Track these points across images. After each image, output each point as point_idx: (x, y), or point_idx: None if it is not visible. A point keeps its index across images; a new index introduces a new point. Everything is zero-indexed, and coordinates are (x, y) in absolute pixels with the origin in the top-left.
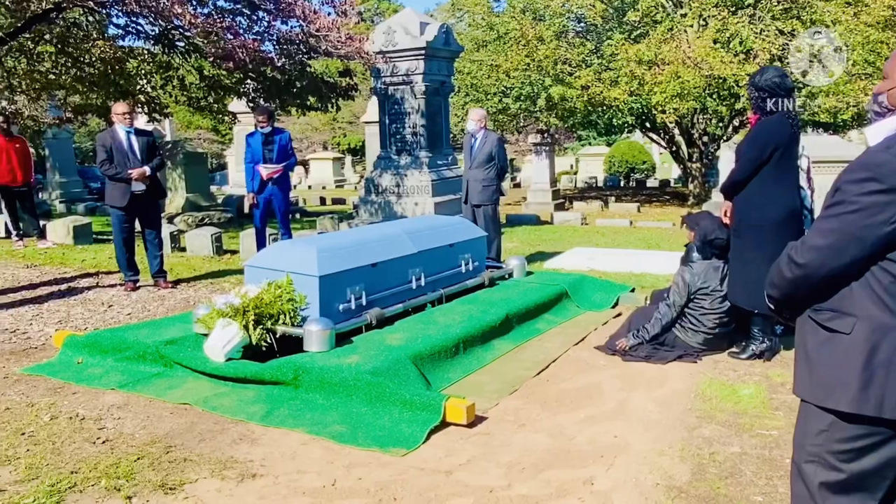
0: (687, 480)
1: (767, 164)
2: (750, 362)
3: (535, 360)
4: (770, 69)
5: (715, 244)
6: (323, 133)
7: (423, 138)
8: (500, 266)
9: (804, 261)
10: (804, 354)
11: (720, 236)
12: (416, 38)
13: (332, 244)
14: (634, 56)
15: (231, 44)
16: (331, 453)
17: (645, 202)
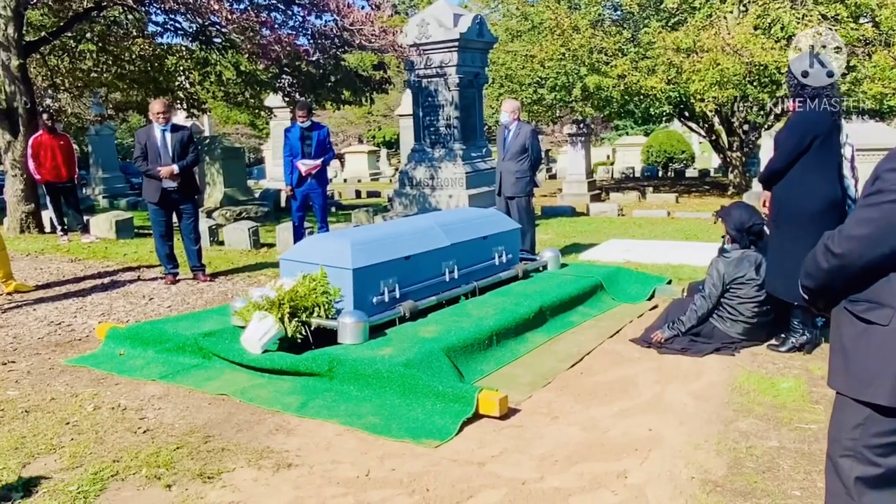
0: (723, 474)
1: (807, 153)
2: (790, 355)
3: (568, 353)
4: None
5: (753, 230)
6: (358, 126)
7: (457, 130)
8: (534, 258)
9: (841, 250)
10: (840, 346)
11: (757, 222)
12: (450, 30)
13: (365, 237)
14: (672, 44)
15: (267, 39)
16: (365, 444)
17: (683, 193)
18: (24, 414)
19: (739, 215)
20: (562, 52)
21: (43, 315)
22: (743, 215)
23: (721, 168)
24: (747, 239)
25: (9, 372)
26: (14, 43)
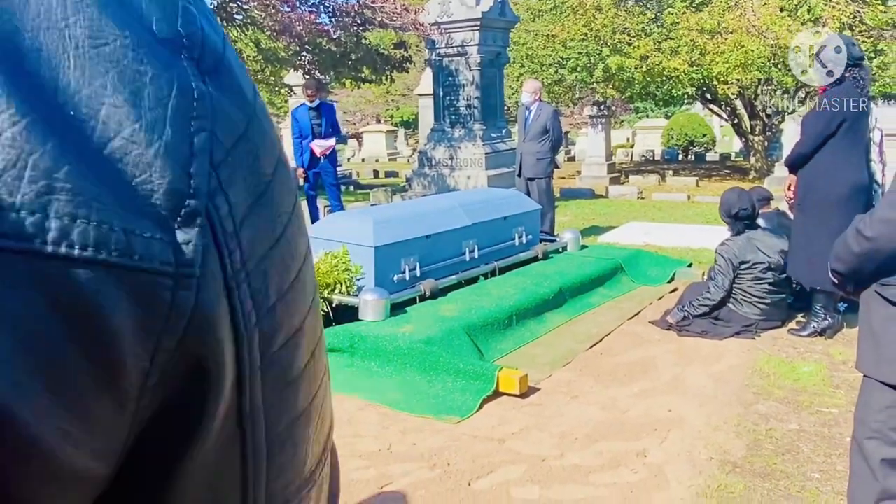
0: (742, 456)
1: (834, 137)
2: (811, 339)
3: (588, 334)
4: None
5: (740, 216)
6: (376, 106)
7: (477, 111)
8: (553, 239)
9: (873, 234)
10: (869, 329)
11: (744, 206)
12: (472, 9)
13: (387, 216)
14: (696, 25)
15: (288, 16)
16: (386, 419)
17: (704, 176)
18: None
19: (728, 200)
20: (584, 33)
21: None
22: (730, 200)
23: (742, 152)
24: (739, 224)
25: None
26: None
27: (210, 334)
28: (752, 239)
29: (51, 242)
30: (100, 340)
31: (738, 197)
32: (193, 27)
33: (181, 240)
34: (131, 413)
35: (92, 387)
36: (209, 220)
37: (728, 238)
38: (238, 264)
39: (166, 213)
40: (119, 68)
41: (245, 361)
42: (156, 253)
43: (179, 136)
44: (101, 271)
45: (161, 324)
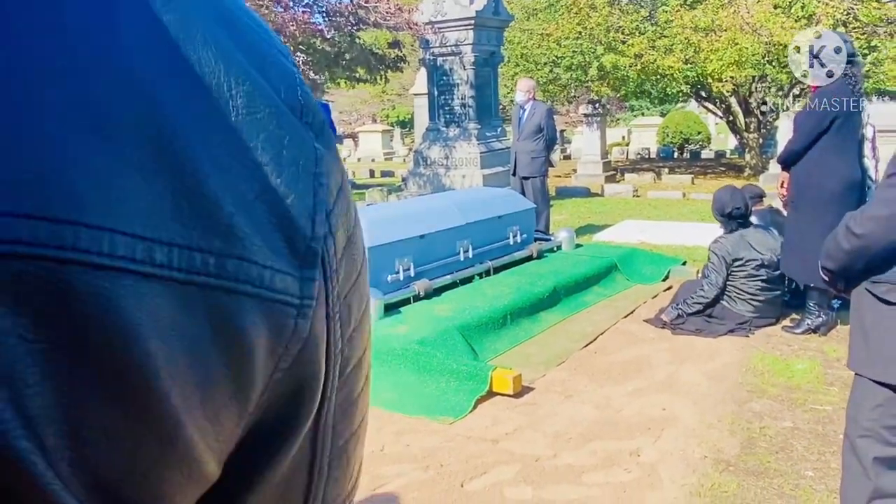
0: (736, 454)
1: (827, 134)
2: (805, 337)
3: (583, 333)
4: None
5: (734, 215)
6: (372, 105)
7: (471, 110)
8: (548, 238)
9: (863, 231)
10: (860, 328)
11: (737, 205)
12: (466, 8)
13: (380, 215)
14: (690, 23)
15: (281, 17)
16: (380, 420)
17: (699, 174)
18: None
19: (720, 199)
20: (578, 31)
21: None
22: (723, 199)
23: (737, 149)
24: (732, 223)
25: None
26: None
27: (315, 358)
28: (745, 236)
29: (215, 276)
30: (242, 360)
31: (731, 195)
32: (307, 97)
33: (306, 276)
34: (244, 425)
35: (228, 400)
36: (322, 259)
37: (721, 236)
38: (335, 297)
39: (296, 254)
40: (267, 133)
41: (330, 383)
42: (289, 287)
43: (307, 190)
44: (249, 301)
45: (283, 347)
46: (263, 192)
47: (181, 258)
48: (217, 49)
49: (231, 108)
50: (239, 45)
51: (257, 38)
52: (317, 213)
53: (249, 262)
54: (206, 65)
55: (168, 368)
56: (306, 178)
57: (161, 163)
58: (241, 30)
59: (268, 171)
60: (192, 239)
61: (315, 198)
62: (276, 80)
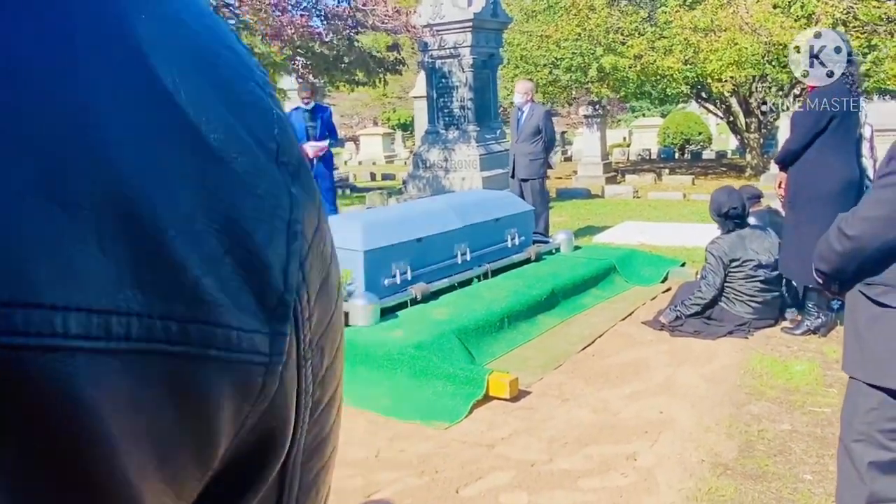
0: (733, 457)
1: (824, 134)
2: (804, 338)
3: (580, 335)
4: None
5: (731, 216)
6: (373, 108)
7: (470, 112)
8: (547, 241)
9: (855, 233)
10: (854, 330)
11: (733, 206)
12: (464, 10)
13: (377, 219)
14: (689, 23)
15: (279, 20)
16: (375, 425)
17: (700, 174)
18: None
19: (717, 199)
20: (577, 33)
21: None
22: (721, 199)
23: (738, 149)
24: (729, 223)
25: None
26: None
27: (284, 411)
28: (743, 237)
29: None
30: (205, 424)
31: (728, 196)
32: (284, 135)
33: (275, 331)
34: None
35: (189, 463)
36: (294, 310)
37: (718, 237)
38: (306, 345)
39: (267, 309)
40: (240, 182)
41: (300, 428)
42: (256, 345)
43: (281, 240)
44: (213, 365)
45: (250, 406)
46: (234, 246)
47: (140, 328)
48: (188, 95)
49: (202, 161)
50: (213, 86)
51: (234, 72)
52: (290, 263)
53: (215, 326)
54: (174, 115)
55: (126, 445)
56: (280, 228)
57: (121, 229)
58: (216, 66)
59: (240, 224)
60: (153, 306)
61: (289, 247)
62: (252, 120)
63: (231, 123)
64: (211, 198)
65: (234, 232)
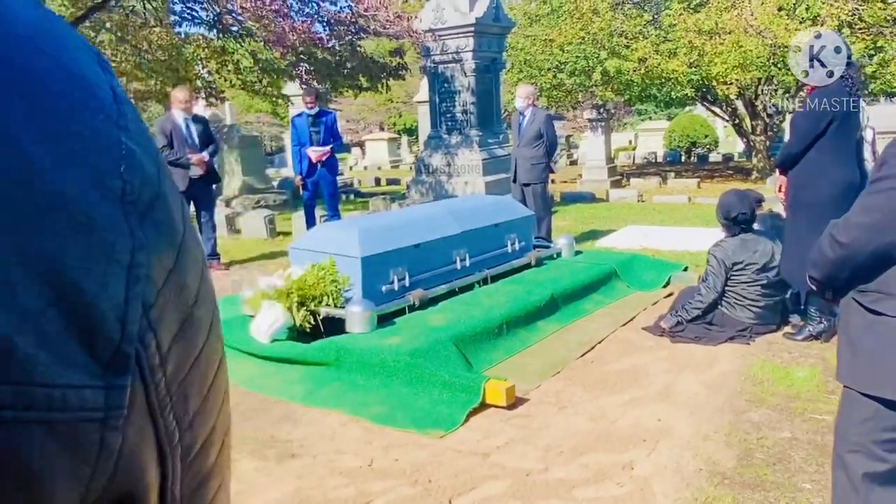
0: (732, 466)
1: (823, 137)
2: (806, 344)
3: (580, 341)
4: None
5: (739, 220)
6: (379, 114)
7: (473, 116)
8: (547, 245)
9: (847, 239)
10: (847, 339)
11: (743, 210)
12: (466, 15)
13: (374, 225)
14: (693, 26)
15: (281, 26)
16: (369, 434)
17: (706, 177)
18: None
19: (727, 203)
20: (581, 36)
21: None
22: (730, 202)
23: (745, 152)
24: (736, 227)
25: None
26: None
27: (137, 465)
28: (746, 241)
29: None
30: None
31: (739, 200)
32: (133, 171)
33: (111, 384)
34: None
35: None
36: (137, 360)
37: (721, 239)
38: (163, 391)
39: (101, 362)
40: (70, 229)
41: (168, 475)
42: (87, 401)
43: (118, 287)
44: (35, 428)
45: (91, 467)
46: (60, 297)
47: None
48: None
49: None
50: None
51: (69, 104)
52: (129, 310)
53: (32, 385)
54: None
55: None
56: (117, 273)
57: None
58: (39, 97)
59: (66, 273)
60: None
61: (129, 293)
62: (89, 157)
63: (55, 161)
64: (27, 245)
65: (58, 281)
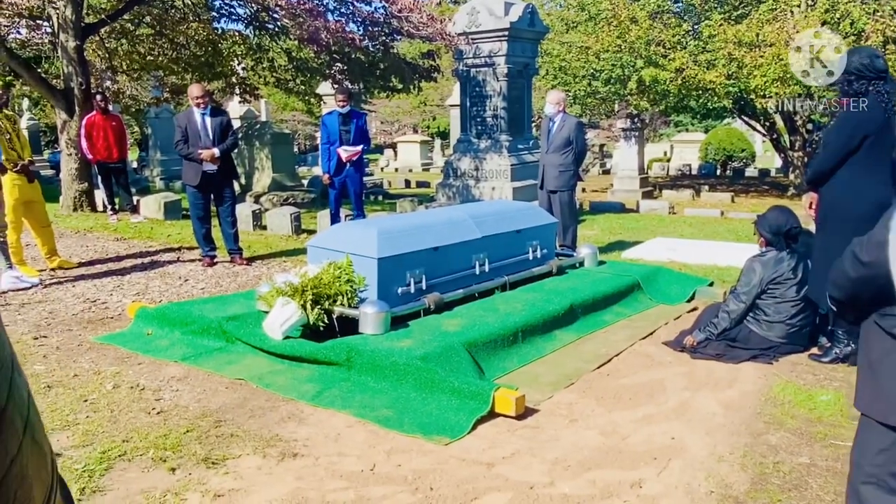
0: (745, 490)
1: (856, 153)
2: (832, 366)
3: (596, 353)
4: (860, 50)
5: (791, 234)
6: (413, 116)
7: (503, 121)
8: (570, 254)
9: (870, 259)
10: (867, 364)
11: (794, 225)
12: (500, 19)
13: (393, 226)
14: (734, 37)
15: (315, 25)
16: (374, 437)
17: (741, 192)
18: (45, 389)
19: (776, 218)
20: (618, 44)
21: (81, 292)
22: (780, 218)
23: (782, 168)
24: (784, 242)
25: (39, 346)
26: (72, 25)
27: None
28: (781, 259)
29: None
30: None
31: (787, 215)
32: None
33: None
34: None
35: None
36: None
37: (760, 253)
38: None
39: None
40: None
41: None
42: None
43: None
44: None
45: None
46: None
47: None
48: None
49: None
50: None
51: None
52: None
53: None
54: None
55: None
56: None
57: None
58: None
59: None
60: None
61: None
62: None
63: None
64: None
65: None
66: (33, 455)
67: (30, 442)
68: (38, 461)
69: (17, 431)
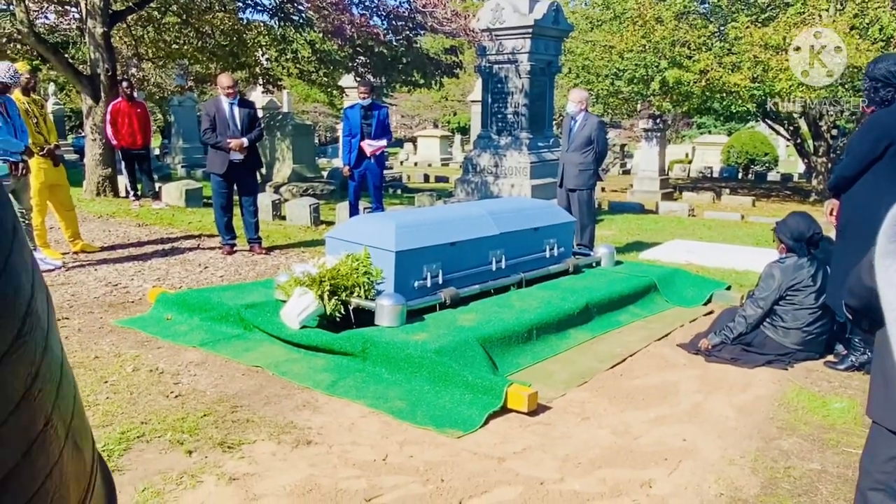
0: (754, 494)
1: (880, 161)
2: (847, 374)
3: (611, 353)
4: (887, 57)
5: (814, 240)
6: (434, 111)
7: (524, 119)
8: (587, 253)
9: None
10: (881, 372)
11: (816, 231)
12: (525, 16)
13: (412, 220)
14: (760, 40)
15: (339, 18)
16: (387, 428)
17: (762, 196)
18: None
19: (797, 224)
20: (642, 44)
21: (102, 276)
22: (801, 224)
23: (805, 174)
24: (805, 248)
25: (61, 328)
26: (100, 11)
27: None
28: (801, 265)
29: None
30: None
31: (809, 222)
32: None
33: None
34: None
35: None
36: None
37: (781, 258)
38: None
39: None
40: None
41: None
42: None
43: None
44: None
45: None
46: None
47: None
48: None
49: None
50: None
51: None
52: None
53: None
54: None
55: None
56: None
57: None
58: None
59: None
60: None
61: None
62: None
63: None
64: None
65: None
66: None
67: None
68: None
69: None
